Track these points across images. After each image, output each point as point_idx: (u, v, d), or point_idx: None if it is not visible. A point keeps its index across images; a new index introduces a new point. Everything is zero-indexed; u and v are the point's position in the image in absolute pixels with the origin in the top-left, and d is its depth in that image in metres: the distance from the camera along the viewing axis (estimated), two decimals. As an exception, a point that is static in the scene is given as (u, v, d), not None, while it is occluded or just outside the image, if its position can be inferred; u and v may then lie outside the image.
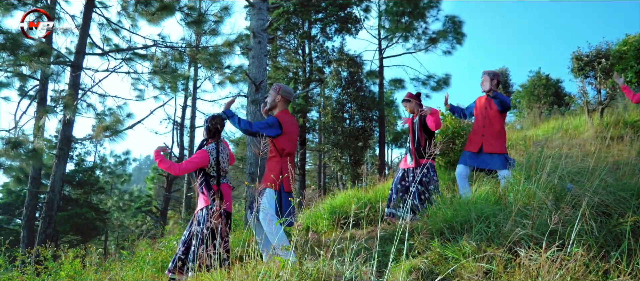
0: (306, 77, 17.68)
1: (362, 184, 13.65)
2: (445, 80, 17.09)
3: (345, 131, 15.26)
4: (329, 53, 18.06)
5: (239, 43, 9.44)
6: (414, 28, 17.02)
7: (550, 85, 21.12)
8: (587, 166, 3.99)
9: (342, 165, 14.84)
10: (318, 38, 18.58)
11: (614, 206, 3.17)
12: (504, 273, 2.63)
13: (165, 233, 10.10)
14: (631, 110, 11.88)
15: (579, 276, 2.42)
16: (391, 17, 16.90)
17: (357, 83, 16.16)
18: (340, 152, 14.89)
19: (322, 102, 17.80)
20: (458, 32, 17.18)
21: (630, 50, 12.03)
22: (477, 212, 3.44)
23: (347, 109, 16.01)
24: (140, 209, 23.40)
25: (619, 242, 2.77)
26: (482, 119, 5.07)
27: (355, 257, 2.98)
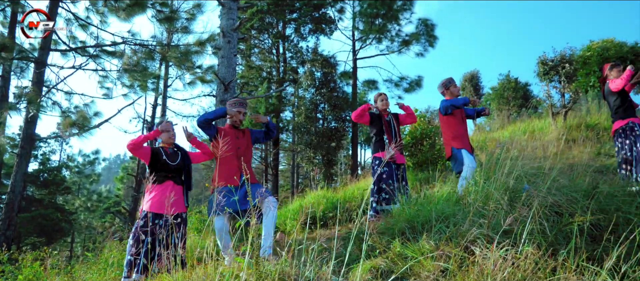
0: (280, 77, 17.66)
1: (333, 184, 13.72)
2: (417, 82, 17.32)
3: (319, 131, 15.31)
4: (303, 53, 18.08)
5: (211, 42, 9.36)
6: (388, 30, 17.19)
7: (519, 88, 21.66)
8: (544, 167, 4.12)
9: (314, 165, 14.87)
10: (292, 38, 18.59)
11: (565, 206, 3.28)
12: (459, 271, 2.70)
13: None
14: (593, 113, 12.29)
15: (528, 274, 2.50)
16: (365, 18, 17.03)
17: (330, 84, 16.23)
18: (313, 152, 14.92)
19: (295, 102, 17.81)
20: (430, 34, 17.43)
21: (594, 56, 12.42)
22: (437, 212, 3.51)
23: (320, 109, 16.06)
24: (109, 210, 22.95)
25: (568, 241, 2.88)
26: (464, 122, 5.29)
27: (318, 257, 3.01)
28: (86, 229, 25.88)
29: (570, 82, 12.12)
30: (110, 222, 24.24)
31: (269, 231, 3.83)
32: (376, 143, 5.31)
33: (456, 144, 5.14)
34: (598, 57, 12.38)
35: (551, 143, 9.50)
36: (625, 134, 5.19)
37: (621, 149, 5.22)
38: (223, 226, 4.07)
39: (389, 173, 5.13)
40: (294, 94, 18.21)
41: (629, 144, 5.15)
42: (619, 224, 3.18)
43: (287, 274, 2.89)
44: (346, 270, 3.04)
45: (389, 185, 5.03)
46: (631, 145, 5.12)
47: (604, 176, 5.16)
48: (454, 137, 5.19)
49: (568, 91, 11.97)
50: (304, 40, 18.65)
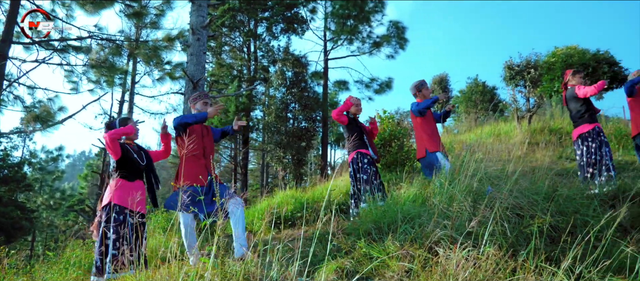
0: (251, 75, 17.54)
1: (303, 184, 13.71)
2: (387, 83, 17.50)
3: (289, 130, 15.28)
4: (274, 52, 18.01)
5: (180, 39, 9.22)
6: (359, 31, 17.31)
7: (486, 91, 22.13)
8: (507, 170, 4.22)
9: (284, 165, 14.83)
10: (264, 37, 18.49)
11: (526, 208, 3.37)
12: (423, 271, 2.74)
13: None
14: (556, 118, 12.68)
15: (489, 274, 2.56)
16: (337, 19, 17.10)
17: (301, 83, 16.22)
18: (283, 152, 14.87)
19: (266, 102, 17.73)
20: (401, 37, 17.64)
21: (558, 61, 12.81)
22: (403, 213, 3.56)
23: (291, 109, 16.03)
24: (72, 207, 22.31)
25: (529, 242, 2.96)
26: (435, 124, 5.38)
27: (283, 258, 3.00)
28: (48, 228, 25.08)
29: (535, 87, 12.48)
30: (73, 220, 23.57)
31: (238, 232, 3.79)
32: (357, 142, 5.29)
33: (431, 147, 5.22)
34: (562, 63, 12.78)
35: (516, 146, 9.75)
36: (592, 138, 5.38)
37: (586, 153, 5.40)
38: (188, 223, 4.02)
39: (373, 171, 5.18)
40: (265, 93, 18.12)
41: (595, 148, 5.35)
42: (577, 227, 3.29)
43: (252, 274, 2.88)
44: (312, 270, 3.05)
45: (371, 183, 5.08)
46: (597, 149, 5.32)
47: (564, 179, 5.32)
48: (428, 139, 5.27)
49: (533, 95, 12.32)
50: (276, 40, 18.61)
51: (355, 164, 5.25)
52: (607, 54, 13.58)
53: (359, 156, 5.24)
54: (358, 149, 5.28)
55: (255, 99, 18.02)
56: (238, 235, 3.78)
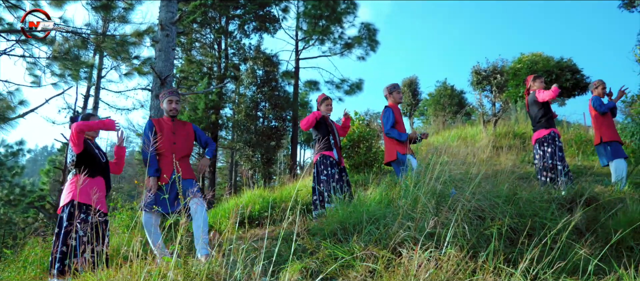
0: (221, 73, 17.36)
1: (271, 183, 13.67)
2: (358, 85, 17.60)
3: (258, 129, 15.20)
4: (245, 50, 17.88)
5: (149, 34, 9.04)
6: (331, 32, 17.36)
7: (454, 95, 22.57)
8: (470, 173, 4.32)
9: (253, 164, 14.74)
10: (235, 34, 18.33)
11: (488, 210, 3.46)
12: (386, 272, 2.77)
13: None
14: (520, 123, 13.04)
15: (450, 275, 2.62)
16: (309, 19, 17.10)
17: (272, 82, 16.16)
18: (253, 151, 14.78)
19: (236, 100, 17.58)
20: (372, 39, 17.78)
21: (524, 68, 13.18)
22: (368, 214, 3.59)
23: (261, 107, 15.95)
24: (33, 204, 21.56)
25: (489, 243, 3.04)
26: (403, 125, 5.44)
27: (247, 257, 2.99)
28: (6, 225, 24.16)
29: (501, 92, 12.80)
30: (33, 217, 22.77)
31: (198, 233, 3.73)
32: (323, 142, 5.35)
33: (401, 149, 5.29)
34: (527, 69, 13.16)
35: (481, 149, 9.97)
36: (547, 143, 5.59)
37: (542, 157, 5.61)
38: (150, 221, 3.95)
39: (332, 173, 5.25)
40: (235, 92, 17.97)
41: (551, 153, 5.55)
42: (536, 229, 3.40)
43: (216, 274, 2.86)
44: (277, 270, 3.05)
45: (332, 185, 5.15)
46: (552, 153, 5.52)
47: (525, 183, 5.49)
48: (398, 142, 5.34)
49: (498, 100, 12.64)
50: (247, 38, 18.48)
51: (318, 166, 5.35)
52: (570, 62, 14.06)
53: (321, 159, 5.34)
54: (322, 152, 5.37)
55: (225, 97, 17.84)
56: (199, 235, 3.73)
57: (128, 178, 28.28)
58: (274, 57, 17.17)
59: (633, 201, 4.15)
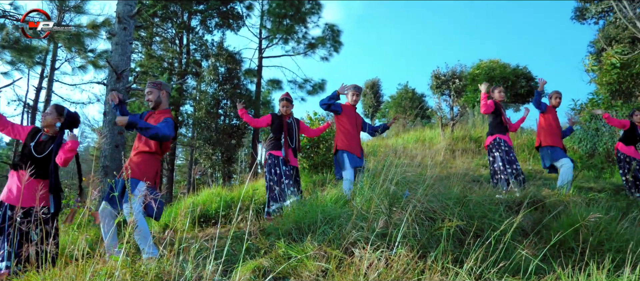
0: (182, 69, 17.05)
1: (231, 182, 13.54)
2: (320, 85, 17.67)
3: (219, 127, 15.01)
4: (208, 47, 17.62)
5: (106, 27, 8.79)
6: (295, 31, 17.35)
7: (415, 98, 23.00)
8: (425, 175, 4.41)
9: (213, 162, 14.55)
10: (198, 30, 18.04)
11: (439, 211, 3.55)
12: (337, 271, 2.81)
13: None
14: (477, 127, 13.41)
15: (399, 275, 2.68)
16: (273, 18, 17.03)
17: (234, 80, 15.99)
18: (213, 149, 14.59)
19: (197, 97, 17.30)
20: (336, 40, 17.89)
21: (482, 74, 13.58)
22: (323, 214, 3.62)
23: (222, 105, 15.76)
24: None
25: (439, 244, 3.12)
26: (356, 127, 5.43)
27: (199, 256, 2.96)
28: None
29: (459, 97, 13.15)
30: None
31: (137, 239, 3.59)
32: (272, 141, 5.43)
33: (340, 145, 5.37)
34: (485, 75, 13.57)
35: (438, 152, 10.21)
36: (495, 148, 5.89)
37: (493, 162, 5.92)
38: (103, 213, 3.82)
39: (281, 172, 5.28)
40: (196, 88, 17.68)
41: (499, 157, 5.83)
42: (484, 230, 3.52)
43: (167, 273, 2.82)
44: (229, 270, 3.03)
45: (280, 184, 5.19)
46: (501, 158, 5.80)
47: (476, 185, 5.66)
48: (339, 138, 5.43)
49: (457, 104, 12.97)
50: (210, 34, 18.21)
51: (267, 165, 5.44)
52: (525, 69, 14.58)
53: (270, 157, 5.43)
54: (270, 151, 5.45)
55: (185, 94, 17.53)
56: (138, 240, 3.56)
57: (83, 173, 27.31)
58: (237, 54, 17.00)
59: (575, 204, 4.35)
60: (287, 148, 5.42)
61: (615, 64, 11.55)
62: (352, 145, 5.35)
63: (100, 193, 5.20)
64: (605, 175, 9.03)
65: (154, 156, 3.90)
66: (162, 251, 2.98)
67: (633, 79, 11.48)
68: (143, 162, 3.86)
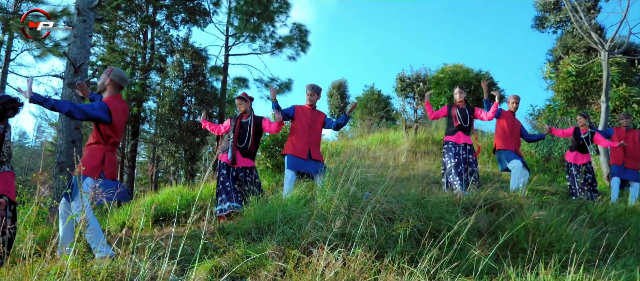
0: (145, 64, 16.68)
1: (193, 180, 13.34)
2: (287, 84, 17.62)
3: (183, 124, 14.76)
4: (173, 42, 17.29)
5: (65, 18, 8.51)
6: (262, 30, 17.24)
7: (381, 100, 23.25)
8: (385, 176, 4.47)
9: (176, 160, 14.29)
10: (163, 25, 17.67)
11: (398, 212, 3.61)
12: (295, 271, 2.81)
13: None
14: (440, 130, 13.68)
15: (356, 274, 2.71)
16: (240, 15, 16.87)
17: (199, 77, 15.74)
18: (176, 146, 14.33)
19: (161, 93, 16.96)
20: (304, 40, 17.87)
21: (446, 77, 13.85)
22: (284, 214, 3.62)
23: (186, 102, 15.49)
24: None
25: (396, 244, 3.17)
26: (308, 128, 5.39)
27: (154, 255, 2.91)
28: None
29: (423, 100, 13.37)
30: None
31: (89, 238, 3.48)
32: (222, 143, 5.38)
33: (285, 148, 5.43)
34: (449, 79, 13.86)
35: (401, 154, 10.36)
36: (446, 151, 6.24)
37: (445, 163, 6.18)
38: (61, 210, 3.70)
39: (226, 175, 5.29)
40: (160, 84, 17.32)
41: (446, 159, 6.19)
42: (441, 230, 3.59)
43: (120, 272, 2.76)
44: (187, 269, 2.99)
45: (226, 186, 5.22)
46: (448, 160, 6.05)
47: (436, 187, 5.79)
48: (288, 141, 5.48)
49: (420, 107, 13.20)
50: (176, 29, 17.86)
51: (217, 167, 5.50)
52: (487, 74, 14.95)
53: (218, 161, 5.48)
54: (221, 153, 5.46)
55: (149, 89, 17.16)
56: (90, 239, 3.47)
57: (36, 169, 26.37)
58: (203, 51, 16.74)
59: (529, 206, 4.51)
60: (234, 149, 5.35)
61: (571, 72, 12.00)
62: (298, 147, 5.37)
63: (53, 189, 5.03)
64: (559, 179, 9.37)
65: (98, 146, 3.74)
66: (117, 250, 2.92)
67: (587, 87, 11.97)
68: (86, 154, 3.74)
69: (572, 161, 7.08)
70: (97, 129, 3.71)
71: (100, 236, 3.41)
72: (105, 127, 3.71)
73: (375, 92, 23.53)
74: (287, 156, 5.36)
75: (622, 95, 10.78)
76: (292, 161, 5.30)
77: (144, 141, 20.49)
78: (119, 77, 3.90)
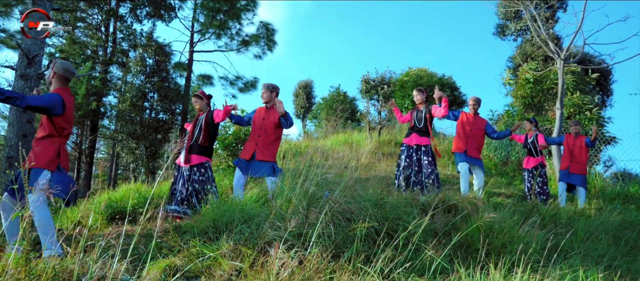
0: (107, 57, 16.22)
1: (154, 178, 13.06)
2: (252, 83, 17.50)
3: (145, 121, 14.43)
4: (136, 36, 16.88)
5: (20, 5, 8.16)
6: (228, 27, 17.04)
7: (347, 101, 23.42)
8: (345, 176, 4.50)
9: (136, 157, 13.95)
10: (126, 18, 17.23)
11: (356, 213, 3.63)
12: (250, 271, 2.79)
13: None
14: (403, 132, 13.88)
15: (311, 274, 2.71)
16: (206, 11, 16.64)
17: (163, 73, 15.41)
18: (136, 143, 13.98)
19: (122, 88, 16.52)
20: (270, 39, 17.78)
21: (410, 81, 14.07)
22: (242, 213, 3.59)
23: (149, 98, 15.14)
24: None
25: (353, 244, 3.19)
26: (258, 129, 5.33)
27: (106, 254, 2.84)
28: None
29: (387, 102, 13.52)
30: None
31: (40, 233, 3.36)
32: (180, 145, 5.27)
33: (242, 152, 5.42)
34: (413, 83, 14.08)
35: (364, 155, 10.45)
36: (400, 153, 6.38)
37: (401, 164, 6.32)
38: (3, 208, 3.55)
39: (177, 177, 5.24)
40: (122, 79, 16.88)
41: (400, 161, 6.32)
42: (397, 231, 3.64)
43: (68, 272, 2.67)
44: (140, 268, 2.92)
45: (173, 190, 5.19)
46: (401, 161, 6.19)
47: (394, 188, 5.86)
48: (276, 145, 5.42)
49: (384, 109, 13.35)
50: (139, 23, 17.44)
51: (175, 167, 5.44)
52: (450, 79, 15.29)
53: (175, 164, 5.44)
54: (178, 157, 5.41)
55: (110, 84, 16.69)
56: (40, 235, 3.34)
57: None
58: (167, 46, 16.41)
59: (484, 208, 4.63)
60: (187, 150, 5.25)
61: (529, 79, 12.40)
62: (245, 148, 5.36)
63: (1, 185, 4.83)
64: (516, 182, 9.66)
65: (52, 139, 3.61)
66: (66, 248, 2.82)
67: (544, 94, 12.39)
68: (39, 148, 3.60)
69: (525, 166, 7.37)
70: (50, 121, 3.59)
71: (50, 232, 3.29)
72: (59, 120, 3.60)
73: (341, 94, 23.68)
74: (237, 160, 5.38)
75: (576, 103, 11.21)
76: (238, 163, 5.31)
77: (104, 137, 19.93)
78: (63, 69, 3.77)
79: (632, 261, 4.27)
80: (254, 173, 5.11)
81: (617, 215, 5.99)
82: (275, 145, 5.32)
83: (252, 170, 5.13)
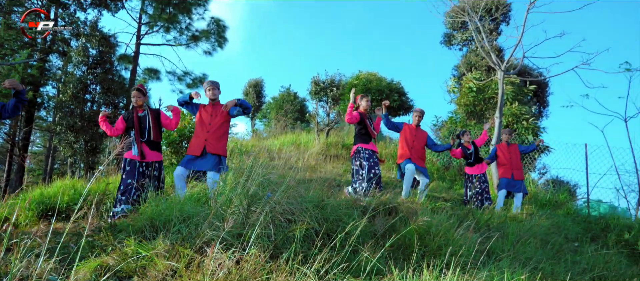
0: (46, 46, 15.43)
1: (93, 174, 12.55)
2: (201, 79, 17.20)
3: (85, 114, 13.81)
4: (79, 25, 16.15)
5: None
6: (178, 21, 16.68)
7: (297, 102, 23.45)
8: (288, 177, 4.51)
9: (74, 151, 13.33)
10: (69, 5, 16.45)
11: (298, 214, 3.65)
12: (186, 271, 2.75)
13: None
14: (350, 134, 14.05)
15: (248, 274, 2.70)
16: (155, 4, 16.21)
17: (106, 64, 14.81)
18: (75, 136, 13.37)
19: (62, 78, 15.75)
20: (221, 35, 17.54)
21: (360, 84, 14.26)
22: (181, 212, 3.53)
23: (91, 90, 14.51)
24: None
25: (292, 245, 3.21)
26: (206, 124, 5.28)
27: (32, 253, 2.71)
28: None
29: (336, 104, 13.66)
30: None
31: None
32: (125, 140, 5.14)
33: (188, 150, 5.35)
34: (363, 86, 14.29)
35: (311, 156, 10.50)
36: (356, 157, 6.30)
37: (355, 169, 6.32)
38: None
39: (130, 172, 5.07)
40: (62, 69, 16.10)
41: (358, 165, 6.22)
42: (337, 232, 3.69)
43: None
44: (70, 268, 2.81)
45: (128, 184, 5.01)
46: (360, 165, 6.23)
47: (339, 190, 5.93)
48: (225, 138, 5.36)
49: (333, 111, 13.48)
50: (83, 12, 16.70)
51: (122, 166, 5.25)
52: (398, 84, 15.63)
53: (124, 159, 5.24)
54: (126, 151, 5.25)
55: (48, 73, 15.89)
56: None
57: None
58: (112, 37, 15.77)
59: (423, 211, 4.77)
60: (139, 143, 5.17)
61: (472, 88, 12.89)
62: (193, 145, 5.29)
63: None
64: (456, 187, 10.01)
65: None
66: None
67: (486, 102, 12.92)
68: None
69: (467, 172, 7.62)
70: None
71: None
72: None
73: (291, 94, 23.69)
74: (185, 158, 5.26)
75: (514, 112, 11.75)
76: (183, 159, 5.22)
77: (40, 129, 18.93)
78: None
79: (556, 264, 4.54)
80: (201, 167, 5.04)
81: (546, 220, 6.35)
82: (224, 138, 5.33)
83: (198, 165, 5.06)
